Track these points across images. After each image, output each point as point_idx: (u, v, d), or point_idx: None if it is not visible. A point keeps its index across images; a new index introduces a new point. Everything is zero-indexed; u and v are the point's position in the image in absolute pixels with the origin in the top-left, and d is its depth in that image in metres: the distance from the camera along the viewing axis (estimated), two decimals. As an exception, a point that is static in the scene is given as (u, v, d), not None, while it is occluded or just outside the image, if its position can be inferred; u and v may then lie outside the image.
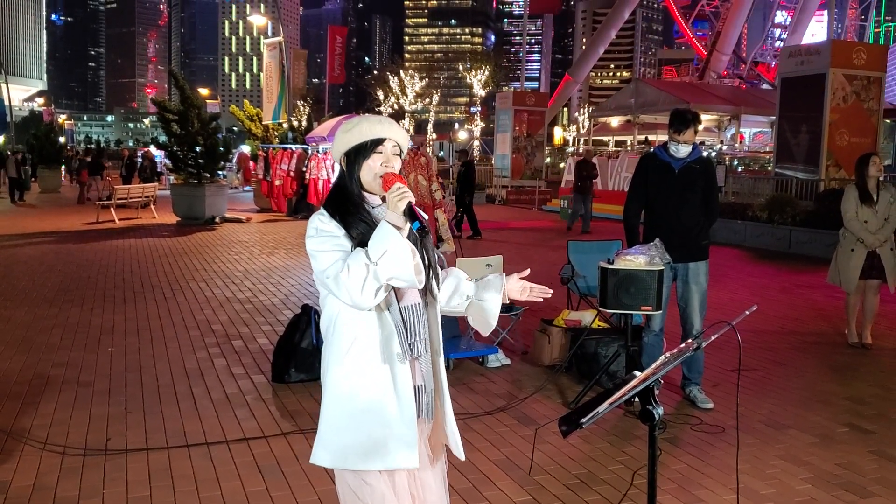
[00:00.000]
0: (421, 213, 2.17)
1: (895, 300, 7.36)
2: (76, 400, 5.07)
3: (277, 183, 19.65)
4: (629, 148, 28.54)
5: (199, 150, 17.31)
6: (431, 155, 34.46)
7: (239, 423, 4.69)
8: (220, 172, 20.82)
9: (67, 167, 34.45)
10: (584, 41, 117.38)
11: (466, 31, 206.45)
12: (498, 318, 2.43)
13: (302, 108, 35.73)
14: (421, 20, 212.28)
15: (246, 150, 32.18)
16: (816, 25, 50.81)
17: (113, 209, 17.67)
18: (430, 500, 2.32)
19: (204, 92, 43.56)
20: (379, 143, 2.22)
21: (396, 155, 2.25)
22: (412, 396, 2.20)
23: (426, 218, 2.21)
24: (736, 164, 26.63)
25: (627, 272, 4.81)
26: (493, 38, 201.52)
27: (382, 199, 2.22)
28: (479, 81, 56.11)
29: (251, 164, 25.72)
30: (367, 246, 2.08)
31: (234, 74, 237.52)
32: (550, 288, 2.50)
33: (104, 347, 6.43)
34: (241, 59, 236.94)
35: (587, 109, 58.15)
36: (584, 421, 2.04)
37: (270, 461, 4.11)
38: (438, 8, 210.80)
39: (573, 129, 72.41)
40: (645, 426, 2.20)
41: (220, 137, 18.55)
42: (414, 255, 2.07)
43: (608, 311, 5.32)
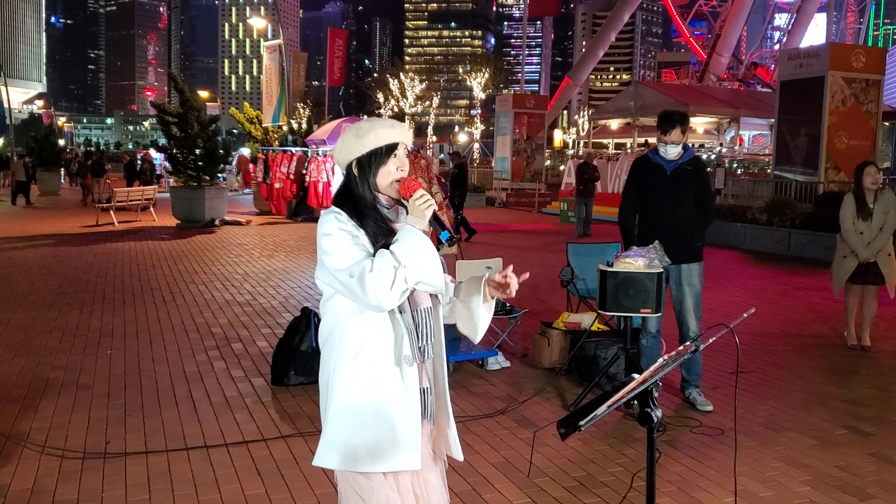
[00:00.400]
0: (445, 221, 2.21)
1: (894, 303, 7.36)
2: (75, 403, 5.06)
3: (277, 186, 19.65)
4: (629, 150, 28.56)
5: (198, 152, 17.33)
6: (431, 157, 34.47)
7: (238, 426, 4.69)
8: (219, 175, 20.82)
9: (67, 170, 34.49)
10: (583, 44, 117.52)
11: (466, 33, 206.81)
12: (487, 325, 2.37)
13: (302, 110, 35.72)
14: (421, 23, 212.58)
15: (246, 152, 32.20)
16: (815, 28, 50.83)
17: (112, 212, 17.69)
18: (433, 499, 2.33)
19: (204, 94, 43.49)
20: (394, 147, 2.25)
21: (406, 157, 2.29)
22: (419, 399, 2.22)
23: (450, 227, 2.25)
24: (735, 166, 26.67)
25: (627, 275, 4.82)
26: (492, 40, 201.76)
27: (395, 201, 2.26)
28: (478, 84, 56.12)
29: (251, 166, 25.73)
30: (388, 248, 2.10)
31: (233, 77, 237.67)
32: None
33: (103, 350, 6.43)
34: (240, 61, 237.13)
35: (587, 112, 58.13)
36: (582, 423, 2.04)
37: (270, 464, 4.11)
38: (438, 11, 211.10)
39: (573, 131, 72.47)
40: (644, 429, 2.20)
41: (219, 140, 18.54)
42: (442, 263, 2.15)
43: (608, 313, 5.32)
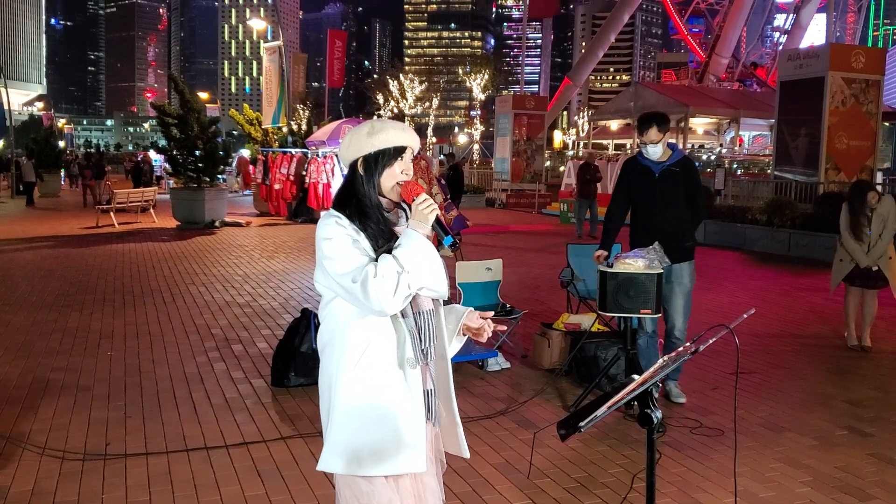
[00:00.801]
0: (448, 226, 2.21)
1: (895, 303, 7.36)
2: (75, 404, 5.07)
3: (277, 187, 19.65)
4: (628, 151, 28.58)
5: (198, 154, 17.32)
6: (431, 157, 34.49)
7: (238, 427, 4.69)
8: (219, 176, 20.83)
9: (67, 171, 34.53)
10: (583, 45, 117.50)
11: (466, 34, 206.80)
12: (453, 354, 2.38)
13: (302, 111, 35.70)
14: (420, 24, 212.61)
15: (246, 153, 32.18)
16: (815, 28, 50.83)
17: (112, 213, 17.70)
18: (430, 501, 2.33)
19: (203, 96, 43.52)
20: (402, 150, 2.25)
21: (410, 161, 2.29)
22: (423, 401, 2.22)
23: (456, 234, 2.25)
24: (735, 167, 26.70)
25: (627, 275, 4.82)
26: (492, 41, 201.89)
27: (396, 204, 2.26)
28: (478, 85, 56.03)
29: (251, 168, 25.72)
30: (391, 252, 2.10)
31: (233, 78, 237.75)
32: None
33: (104, 352, 6.43)
34: (240, 63, 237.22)
35: (587, 113, 58.11)
36: (582, 424, 2.04)
37: (270, 465, 4.11)
38: (438, 12, 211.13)
39: (573, 132, 72.40)
40: (644, 430, 2.20)
41: (219, 141, 18.54)
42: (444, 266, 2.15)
43: (608, 314, 5.32)
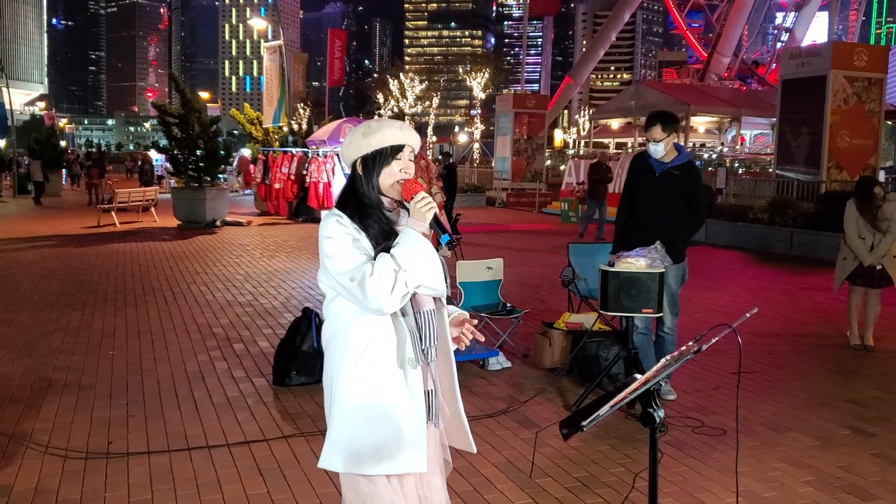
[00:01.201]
0: (446, 224, 2.20)
1: (896, 302, 7.37)
2: (78, 403, 5.07)
3: (277, 186, 19.66)
4: (630, 150, 28.56)
5: (199, 153, 17.34)
6: (431, 157, 34.48)
7: (240, 426, 4.69)
8: (220, 176, 20.83)
9: (69, 171, 34.59)
10: (584, 43, 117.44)
11: (466, 33, 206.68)
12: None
13: (302, 111, 35.71)
14: (421, 23, 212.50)
15: (246, 153, 32.19)
16: (817, 26, 50.75)
17: (114, 213, 17.70)
18: (435, 501, 2.33)
19: (204, 95, 43.50)
20: (399, 149, 2.24)
21: (411, 160, 2.28)
22: (423, 401, 2.22)
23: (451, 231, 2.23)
24: (737, 165, 26.69)
25: (628, 275, 4.81)
26: (492, 40, 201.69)
27: (397, 203, 2.26)
28: (478, 84, 56.04)
29: (252, 167, 25.74)
30: (389, 251, 2.10)
31: (234, 78, 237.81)
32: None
33: (105, 351, 6.43)
34: (241, 62, 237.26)
35: (587, 112, 58.14)
36: (584, 424, 2.04)
37: (272, 464, 4.11)
38: (438, 11, 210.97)
39: (573, 131, 72.43)
40: (646, 429, 2.20)
41: (220, 141, 18.56)
42: (442, 264, 2.14)
43: (609, 313, 5.32)
